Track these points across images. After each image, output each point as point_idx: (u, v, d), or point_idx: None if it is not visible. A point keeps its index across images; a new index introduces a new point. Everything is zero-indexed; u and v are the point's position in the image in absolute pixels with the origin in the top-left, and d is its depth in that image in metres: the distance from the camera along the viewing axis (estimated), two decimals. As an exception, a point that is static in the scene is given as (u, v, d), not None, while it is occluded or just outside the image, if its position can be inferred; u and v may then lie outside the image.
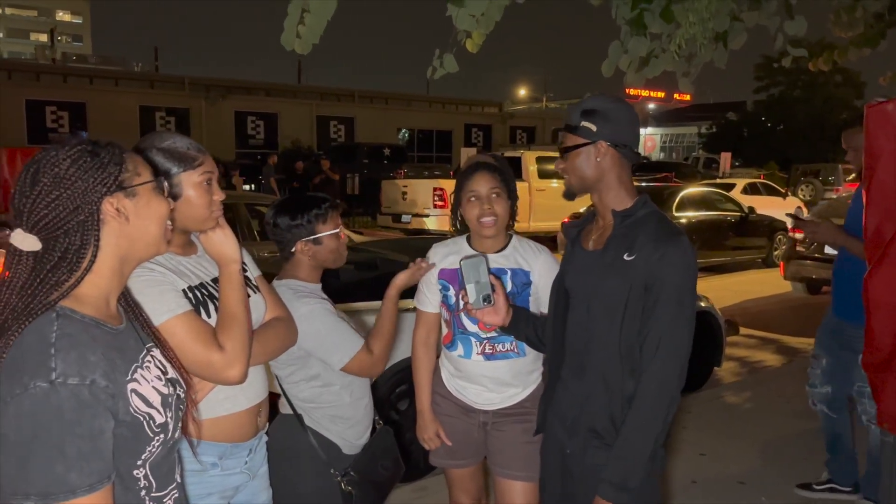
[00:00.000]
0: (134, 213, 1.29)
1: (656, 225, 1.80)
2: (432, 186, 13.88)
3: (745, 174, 23.19)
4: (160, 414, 1.26)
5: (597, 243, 1.90)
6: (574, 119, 1.85)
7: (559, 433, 1.96)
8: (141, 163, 1.35)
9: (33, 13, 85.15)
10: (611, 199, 1.86)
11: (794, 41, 3.77)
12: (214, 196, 1.76)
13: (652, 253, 1.73)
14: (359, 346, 2.11)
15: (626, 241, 1.79)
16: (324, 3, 3.00)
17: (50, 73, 31.48)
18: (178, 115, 28.52)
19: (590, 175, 1.85)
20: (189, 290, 1.73)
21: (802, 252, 8.90)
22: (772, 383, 5.55)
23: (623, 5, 3.57)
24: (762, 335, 7.30)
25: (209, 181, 1.76)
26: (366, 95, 36.17)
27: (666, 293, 1.73)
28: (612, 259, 1.80)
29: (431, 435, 2.47)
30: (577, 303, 1.91)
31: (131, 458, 1.22)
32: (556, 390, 1.99)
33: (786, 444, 4.27)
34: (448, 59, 3.36)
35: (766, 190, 16.24)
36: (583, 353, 1.87)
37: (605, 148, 1.82)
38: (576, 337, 1.90)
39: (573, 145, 1.85)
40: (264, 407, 1.92)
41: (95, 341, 1.19)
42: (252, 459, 1.90)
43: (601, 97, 1.88)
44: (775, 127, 38.48)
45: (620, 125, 1.83)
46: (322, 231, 2.16)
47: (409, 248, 4.95)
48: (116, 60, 51.76)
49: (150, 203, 1.32)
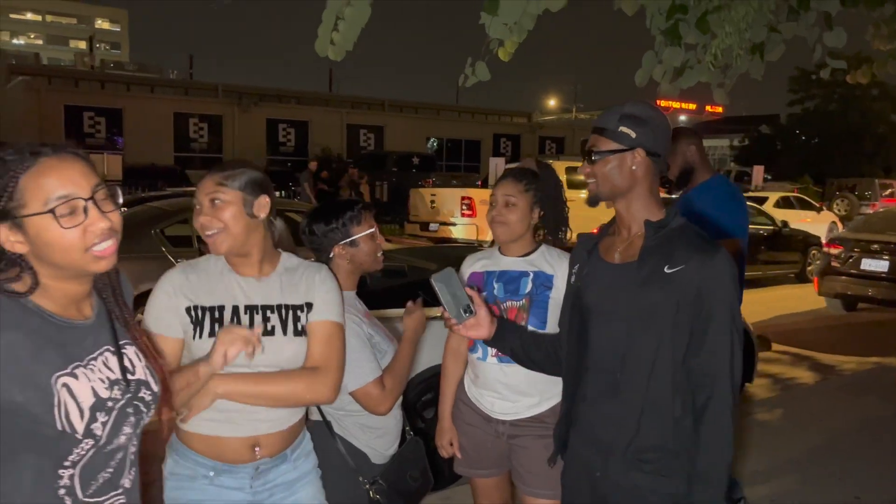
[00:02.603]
0: (29, 241, 1.22)
1: (695, 236, 1.72)
2: (460, 195, 13.88)
3: (777, 188, 22.86)
4: (80, 417, 1.21)
5: (625, 256, 1.79)
6: (611, 123, 1.76)
7: (587, 455, 1.84)
8: (40, 187, 1.21)
9: (73, 21, 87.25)
10: (640, 208, 1.78)
11: (834, 53, 3.69)
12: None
13: (700, 265, 1.66)
14: (372, 378, 2.07)
15: (664, 253, 1.70)
16: (358, 11, 3.02)
17: (88, 80, 32.22)
18: (210, 122, 28.96)
19: (622, 183, 1.76)
20: (192, 309, 1.78)
21: (838, 267, 8.73)
22: (805, 401, 5.43)
23: (658, 15, 3.54)
24: (795, 352, 7.15)
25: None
26: (396, 104, 36.41)
27: (721, 308, 1.66)
28: (651, 272, 1.69)
29: (445, 443, 2.50)
30: (605, 319, 1.79)
31: (51, 455, 1.20)
32: (581, 411, 1.87)
33: (818, 462, 4.17)
34: (480, 66, 3.36)
35: (799, 204, 15.98)
36: (615, 372, 1.75)
37: (643, 156, 1.74)
38: (604, 354, 1.79)
39: (608, 150, 1.76)
40: (267, 441, 1.84)
41: (21, 326, 1.18)
42: (263, 484, 1.84)
43: (641, 103, 1.79)
44: (810, 140, 37.93)
45: (659, 134, 1.76)
46: (357, 233, 2.19)
47: (437, 256, 4.95)
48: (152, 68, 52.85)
49: (39, 234, 1.21)
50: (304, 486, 1.92)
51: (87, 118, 26.28)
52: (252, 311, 1.82)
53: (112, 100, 27.73)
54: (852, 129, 35.50)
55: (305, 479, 1.93)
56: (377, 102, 36.05)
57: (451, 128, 35.15)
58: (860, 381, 6.03)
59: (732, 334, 1.67)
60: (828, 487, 3.84)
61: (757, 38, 3.52)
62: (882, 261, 8.30)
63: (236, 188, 1.79)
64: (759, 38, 3.55)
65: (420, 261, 4.98)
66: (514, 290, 2.34)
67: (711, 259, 1.66)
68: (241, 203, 1.78)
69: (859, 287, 8.59)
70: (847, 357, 6.94)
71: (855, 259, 8.57)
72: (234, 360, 1.67)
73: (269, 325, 1.81)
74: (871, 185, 24.05)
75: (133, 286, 1.47)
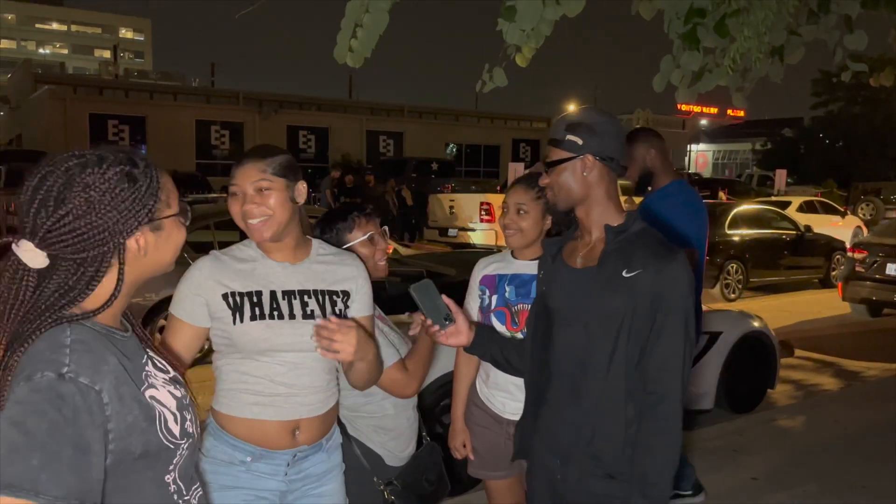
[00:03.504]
0: (154, 246, 1.22)
1: (655, 241, 1.74)
2: (479, 201, 13.90)
3: (801, 192, 22.58)
4: (176, 421, 1.21)
5: (587, 260, 1.81)
6: (558, 133, 1.79)
7: (548, 460, 1.86)
8: (171, 189, 1.27)
9: (97, 30, 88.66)
10: (599, 213, 1.79)
11: (855, 56, 3.65)
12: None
13: (657, 270, 1.67)
14: (392, 361, 2.08)
15: (623, 257, 1.71)
16: (376, 18, 3.04)
17: (112, 88, 32.71)
18: (232, 129, 29.28)
19: (577, 190, 1.78)
20: (230, 295, 1.80)
21: (862, 273, 8.61)
22: (827, 407, 5.35)
23: (676, 19, 3.53)
24: (819, 358, 7.06)
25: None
26: (415, 110, 36.52)
27: (675, 312, 1.67)
28: (610, 276, 1.71)
29: (458, 445, 2.53)
30: (567, 323, 1.81)
31: (163, 464, 1.20)
32: (543, 415, 1.89)
33: (841, 470, 4.11)
34: (498, 72, 3.37)
35: (823, 208, 15.78)
36: (577, 377, 1.77)
37: (592, 161, 1.76)
38: (567, 359, 1.80)
39: (558, 159, 1.78)
40: (307, 426, 1.87)
41: (107, 349, 1.14)
42: (297, 472, 1.87)
43: (588, 110, 1.82)
44: (834, 144, 37.44)
45: (606, 138, 1.77)
46: (351, 240, 2.21)
47: (457, 262, 4.96)
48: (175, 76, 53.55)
49: (171, 235, 1.26)
50: (332, 480, 1.96)
51: (112, 126, 26.68)
52: (290, 297, 1.84)
53: (136, 108, 28.16)
54: (877, 131, 34.97)
55: (333, 472, 1.97)
56: (396, 108, 36.19)
57: (471, 133, 35.19)
58: (884, 388, 5.94)
59: (685, 340, 1.69)
60: (848, 495, 3.78)
61: (776, 42, 3.49)
62: (908, 265, 8.18)
63: (280, 175, 1.81)
64: (779, 42, 3.52)
65: (439, 266, 4.99)
66: (525, 293, 2.37)
67: (668, 264, 1.68)
68: (284, 189, 1.81)
69: (884, 292, 8.46)
70: (871, 363, 6.84)
71: (880, 264, 8.45)
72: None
73: (308, 310, 1.84)
74: (897, 189, 23.68)
75: (154, 293, 1.49)
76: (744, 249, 10.32)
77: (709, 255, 9.91)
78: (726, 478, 3.94)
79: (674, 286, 1.67)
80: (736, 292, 10.16)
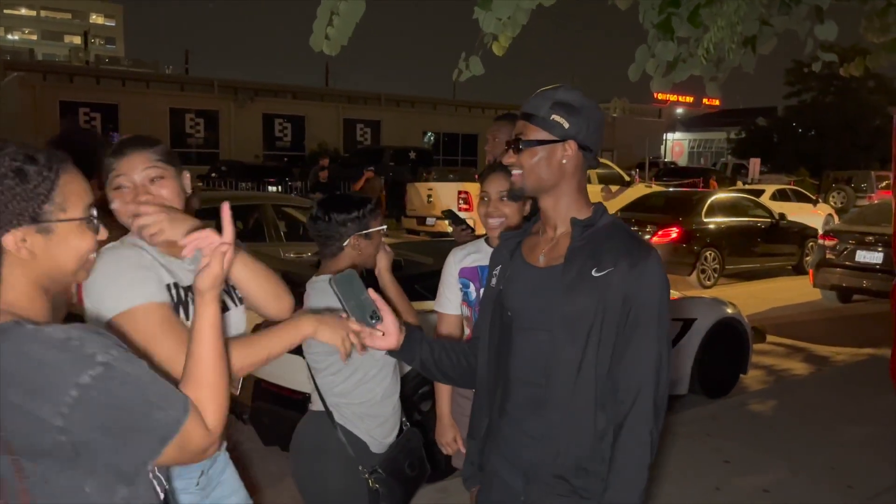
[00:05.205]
0: (43, 249, 1.15)
1: (626, 237, 1.60)
2: (457, 189, 13.90)
3: (774, 180, 22.89)
4: None
5: (550, 258, 1.64)
6: (541, 109, 1.58)
7: (509, 477, 1.67)
8: (78, 194, 1.18)
9: (67, 16, 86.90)
10: (568, 206, 1.63)
11: (825, 46, 3.71)
12: None
13: (629, 269, 1.53)
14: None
15: (591, 255, 1.56)
16: (352, 5, 3.03)
17: (83, 75, 32.14)
18: (207, 117, 28.92)
19: (549, 176, 1.60)
20: (173, 286, 1.67)
21: (833, 260, 8.77)
22: (798, 392, 5.47)
23: (650, 9, 3.55)
24: (790, 343, 7.19)
25: None
26: (392, 99, 36.34)
27: (648, 315, 1.53)
28: (578, 276, 1.55)
29: (449, 440, 2.53)
30: (529, 327, 1.63)
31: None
32: (501, 427, 1.69)
33: (811, 453, 4.21)
34: (474, 61, 3.37)
35: (795, 196, 16.02)
36: (540, 386, 1.59)
37: (574, 149, 1.59)
38: (528, 366, 1.62)
39: (537, 139, 1.59)
40: None
41: None
42: (206, 479, 1.80)
43: (575, 90, 1.61)
44: (807, 133, 37.90)
45: (592, 126, 1.60)
46: (374, 226, 2.25)
47: (433, 251, 4.97)
48: (148, 63, 52.71)
49: (67, 240, 1.17)
50: (222, 462, 1.90)
51: (83, 114, 26.21)
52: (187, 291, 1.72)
53: (107, 95, 27.68)
54: (849, 121, 35.47)
55: (225, 458, 1.91)
56: (373, 97, 35.99)
57: (448, 122, 35.12)
58: (854, 373, 6.07)
59: (659, 343, 1.55)
60: (820, 477, 3.88)
61: (749, 32, 3.53)
62: (876, 253, 8.35)
63: (169, 162, 1.69)
64: (751, 32, 3.56)
65: (417, 255, 4.99)
66: None
67: (642, 262, 1.54)
68: (175, 177, 1.70)
69: (854, 279, 8.63)
70: (841, 348, 6.98)
71: (850, 251, 8.61)
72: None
73: (226, 299, 1.77)
74: (867, 178, 24.06)
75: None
76: (720, 237, 10.47)
77: (686, 242, 10.10)
78: (698, 461, 4.02)
79: (648, 286, 1.54)
80: (712, 279, 10.30)
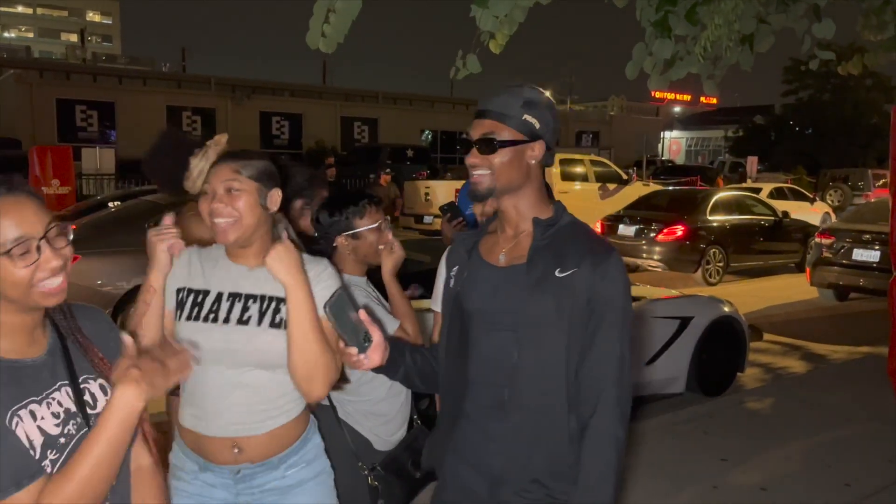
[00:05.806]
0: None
1: (587, 236, 1.60)
2: (454, 188, 13.89)
3: (771, 179, 22.91)
4: (34, 454, 1.19)
5: (511, 257, 1.61)
6: (512, 109, 1.56)
7: (471, 482, 1.63)
8: (7, 226, 1.20)
9: (64, 13, 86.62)
10: (530, 205, 1.61)
11: (823, 44, 3.71)
12: None
13: (592, 269, 1.52)
14: (395, 327, 2.20)
15: (554, 254, 1.55)
16: (349, 3, 3.02)
17: (80, 73, 32.09)
18: (204, 115, 28.86)
19: (517, 177, 1.57)
20: (181, 290, 1.82)
21: (830, 258, 8.78)
22: (795, 390, 5.47)
23: (648, 7, 3.55)
24: (787, 341, 7.20)
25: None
26: (390, 96, 36.31)
27: (611, 314, 1.52)
28: (541, 275, 1.53)
29: None
30: (490, 327, 1.60)
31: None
32: (463, 430, 1.65)
33: (808, 451, 4.21)
34: (471, 59, 3.37)
35: (793, 195, 16.05)
36: (502, 387, 1.56)
37: (542, 150, 1.58)
38: (489, 368, 1.59)
39: (510, 140, 1.56)
40: (245, 445, 1.78)
41: None
42: (248, 488, 1.80)
43: (537, 91, 1.61)
44: (804, 131, 37.97)
45: (556, 125, 1.61)
46: (360, 226, 2.26)
47: (432, 249, 4.96)
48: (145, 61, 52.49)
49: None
50: (301, 494, 1.84)
51: (79, 111, 26.16)
52: (234, 299, 1.80)
53: (104, 93, 27.60)
54: (846, 119, 35.56)
55: (302, 486, 1.85)
56: (371, 94, 35.95)
57: (446, 120, 35.08)
58: (851, 371, 6.08)
59: (622, 343, 1.53)
60: (817, 475, 3.88)
61: (746, 30, 3.53)
62: (873, 251, 8.36)
63: (253, 178, 1.76)
64: (749, 30, 3.56)
65: (414, 253, 4.99)
66: None
67: (605, 262, 1.53)
68: (255, 193, 1.76)
69: (851, 277, 8.64)
70: (838, 346, 6.99)
71: (847, 249, 8.62)
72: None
73: (247, 315, 1.78)
74: (865, 176, 24.12)
75: (126, 281, 1.45)
76: (724, 235, 10.51)
77: (691, 240, 10.12)
78: (696, 459, 4.02)
79: (611, 285, 1.53)
80: (716, 277, 10.33)
